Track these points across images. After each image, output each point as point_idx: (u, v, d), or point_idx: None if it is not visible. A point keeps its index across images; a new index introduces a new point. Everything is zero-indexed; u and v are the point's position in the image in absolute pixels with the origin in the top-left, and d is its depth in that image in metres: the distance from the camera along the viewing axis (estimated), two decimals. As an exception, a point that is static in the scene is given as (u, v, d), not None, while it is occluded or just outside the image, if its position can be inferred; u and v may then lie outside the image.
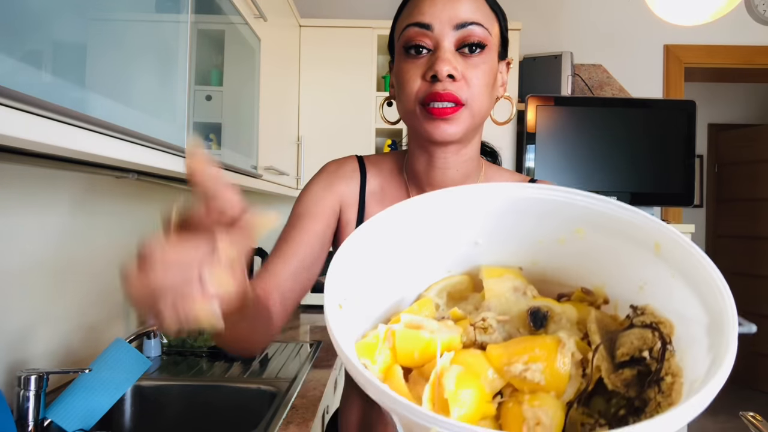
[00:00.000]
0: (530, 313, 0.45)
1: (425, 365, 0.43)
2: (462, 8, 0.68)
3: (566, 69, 2.51)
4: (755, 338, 4.34)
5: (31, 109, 0.57)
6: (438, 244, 0.51)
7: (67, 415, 0.96)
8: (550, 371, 0.40)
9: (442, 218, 0.49)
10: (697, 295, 0.41)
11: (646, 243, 0.44)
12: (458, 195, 0.48)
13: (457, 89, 0.67)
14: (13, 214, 1.10)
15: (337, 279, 0.43)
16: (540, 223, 0.49)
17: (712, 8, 1.58)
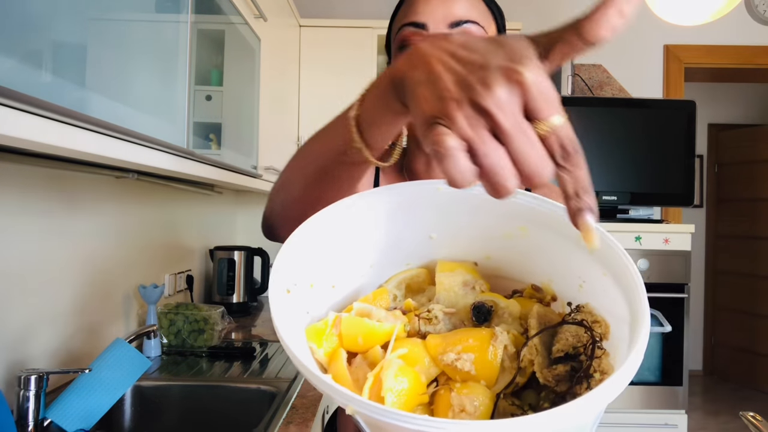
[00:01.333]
0: (474, 308, 0.47)
1: (368, 351, 0.44)
2: (457, 6, 0.67)
3: (566, 69, 2.51)
4: (755, 338, 4.34)
5: (31, 109, 0.57)
6: (397, 237, 0.52)
7: (67, 415, 0.96)
8: (481, 361, 0.42)
9: (399, 211, 0.50)
10: (622, 293, 0.42)
11: (581, 242, 0.44)
12: (408, 189, 0.49)
13: None
14: (13, 214, 1.10)
15: (286, 263, 0.44)
16: (487, 219, 0.49)
17: (712, 8, 1.58)
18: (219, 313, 1.69)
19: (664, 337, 2.22)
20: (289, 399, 1.22)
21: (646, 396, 2.19)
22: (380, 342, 0.45)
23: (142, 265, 1.67)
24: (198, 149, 1.10)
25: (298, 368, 0.38)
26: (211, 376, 1.39)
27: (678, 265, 2.21)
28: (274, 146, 1.96)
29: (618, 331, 0.42)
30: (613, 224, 2.21)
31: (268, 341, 1.76)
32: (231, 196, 2.71)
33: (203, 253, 2.28)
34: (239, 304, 2.24)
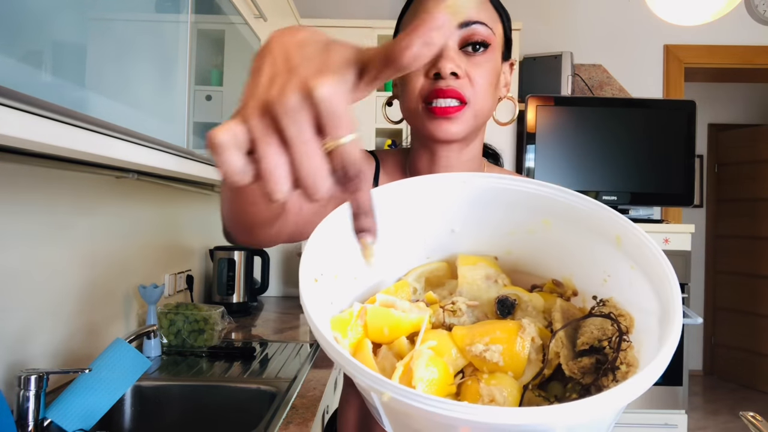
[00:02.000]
0: (498, 301, 0.48)
1: (394, 342, 0.45)
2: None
3: (566, 69, 2.51)
4: (755, 338, 4.34)
5: (31, 109, 0.57)
6: (418, 230, 0.52)
7: (67, 415, 0.96)
8: (509, 353, 0.42)
9: (421, 204, 0.51)
10: (651, 287, 0.43)
11: (608, 235, 0.46)
12: (433, 182, 0.50)
13: (460, 86, 0.67)
14: (13, 214, 1.10)
15: (314, 254, 0.44)
16: (510, 213, 0.50)
17: (712, 8, 1.58)
18: (219, 313, 1.69)
19: (664, 337, 2.22)
20: (289, 399, 1.22)
21: (646, 396, 2.19)
22: (406, 333, 0.45)
23: (142, 265, 1.67)
24: (198, 149, 1.10)
25: (331, 354, 0.38)
26: (211, 376, 1.39)
27: (678, 265, 2.21)
28: (274, 146, 1.96)
29: (643, 324, 0.43)
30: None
31: (268, 341, 1.76)
32: (231, 196, 2.71)
33: (203, 253, 2.28)
34: (239, 304, 2.24)
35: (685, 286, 2.22)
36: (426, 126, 0.69)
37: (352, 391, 0.82)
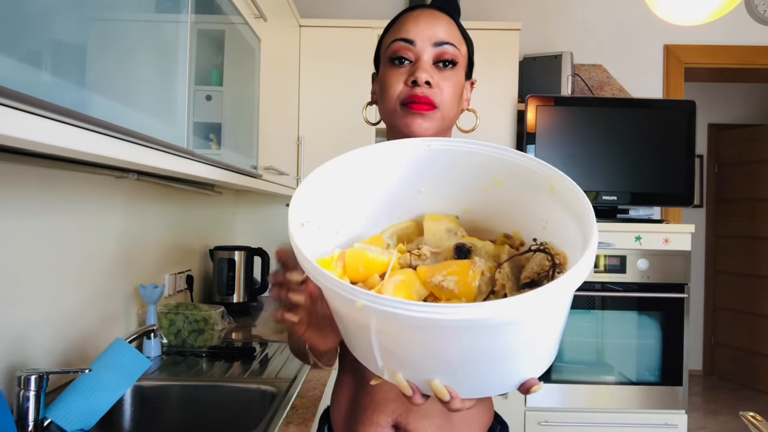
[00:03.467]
0: (456, 247, 0.57)
1: (368, 278, 0.55)
2: (440, 30, 0.81)
3: (566, 69, 2.51)
4: (755, 338, 4.34)
5: (31, 109, 0.57)
6: (391, 191, 0.61)
7: (67, 415, 0.96)
8: (463, 282, 0.52)
9: (391, 167, 0.59)
10: (577, 223, 0.51)
11: (544, 186, 0.55)
12: (402, 145, 0.59)
13: (432, 94, 0.79)
14: (13, 214, 1.10)
15: (300, 203, 0.53)
16: (468, 174, 0.59)
17: (712, 8, 1.58)
18: (219, 313, 1.69)
19: (664, 338, 2.22)
20: (289, 399, 1.22)
21: (646, 396, 2.19)
22: (378, 271, 0.55)
23: (142, 265, 1.67)
24: (198, 149, 1.10)
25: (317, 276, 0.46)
26: (211, 376, 1.39)
27: (678, 265, 2.21)
28: (274, 146, 1.96)
29: (573, 258, 0.51)
30: (613, 224, 2.21)
31: (268, 341, 1.76)
32: (231, 196, 2.71)
33: (203, 253, 2.28)
34: (239, 304, 2.24)
35: (685, 286, 2.22)
36: (404, 122, 0.80)
37: (346, 374, 0.87)
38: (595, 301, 2.23)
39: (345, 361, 0.87)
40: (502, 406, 2.18)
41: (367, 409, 0.81)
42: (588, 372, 2.22)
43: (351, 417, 0.83)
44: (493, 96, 2.47)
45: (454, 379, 0.47)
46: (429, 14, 0.83)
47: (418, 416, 0.78)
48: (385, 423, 0.79)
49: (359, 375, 0.83)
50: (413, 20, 0.82)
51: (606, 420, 2.18)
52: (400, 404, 0.78)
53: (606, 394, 2.19)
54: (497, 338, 0.43)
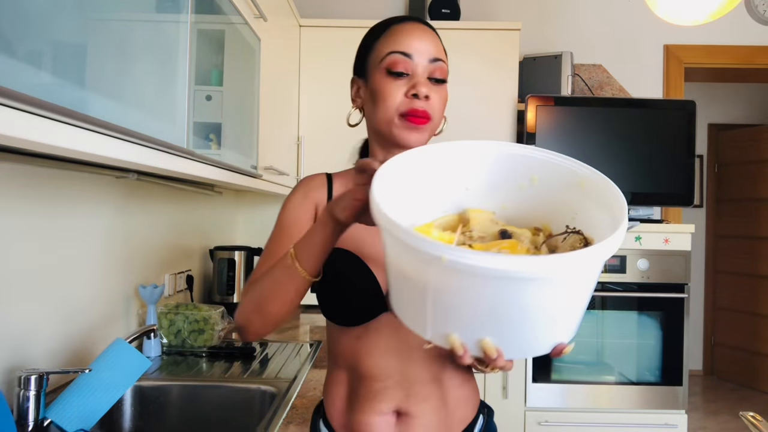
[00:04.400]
0: (500, 233, 0.64)
1: None
2: (432, 47, 0.88)
3: (566, 69, 2.51)
4: (755, 338, 4.34)
5: (31, 109, 0.57)
6: (441, 187, 0.68)
7: (67, 415, 0.96)
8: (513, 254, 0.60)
9: (449, 165, 0.67)
10: (607, 211, 0.59)
11: (575, 182, 0.63)
12: (458, 147, 0.66)
13: (428, 107, 0.86)
14: (13, 214, 1.10)
15: (380, 181, 0.60)
16: (508, 173, 0.67)
17: (712, 8, 1.58)
18: (219, 313, 1.69)
19: (664, 338, 2.22)
20: (289, 399, 1.22)
21: (646, 396, 2.19)
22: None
23: (142, 265, 1.67)
24: (198, 149, 1.10)
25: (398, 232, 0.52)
26: (211, 376, 1.39)
27: (678, 265, 2.21)
28: (274, 146, 1.96)
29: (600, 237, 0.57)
30: (613, 224, 2.21)
31: (268, 341, 1.76)
32: (231, 196, 2.71)
33: (203, 253, 2.28)
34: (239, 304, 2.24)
35: (685, 286, 2.22)
36: (401, 134, 0.86)
37: (340, 371, 0.91)
38: (595, 301, 2.23)
39: (339, 357, 0.90)
40: (502, 406, 2.18)
41: (367, 399, 0.85)
42: (588, 372, 2.22)
43: (350, 409, 0.87)
44: (493, 96, 2.47)
45: (503, 339, 0.56)
46: (421, 30, 0.90)
47: (417, 400, 0.84)
48: (387, 410, 0.84)
49: (354, 370, 0.87)
50: (408, 34, 0.89)
51: (606, 420, 2.18)
52: (400, 391, 0.84)
53: (606, 394, 2.19)
54: (546, 296, 0.52)
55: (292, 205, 0.94)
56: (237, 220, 2.80)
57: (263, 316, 0.84)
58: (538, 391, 2.18)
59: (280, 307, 0.81)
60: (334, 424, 0.91)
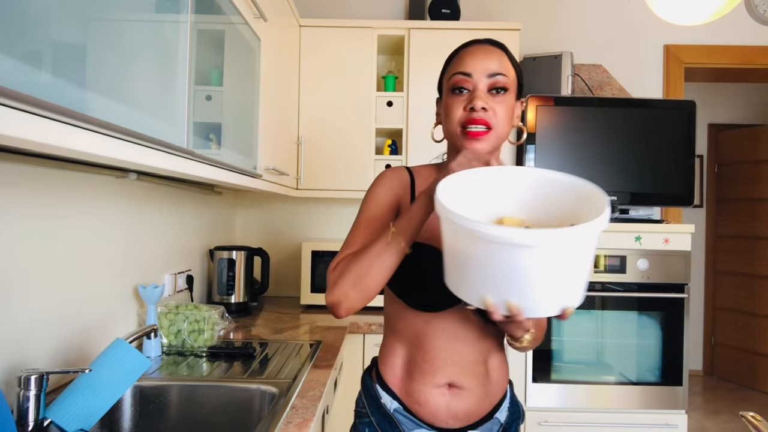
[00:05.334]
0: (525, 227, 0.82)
1: None
2: (492, 63, 1.00)
3: (566, 69, 2.51)
4: (755, 338, 4.34)
5: (31, 109, 0.57)
6: (485, 199, 0.87)
7: (67, 415, 0.96)
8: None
9: (492, 184, 0.87)
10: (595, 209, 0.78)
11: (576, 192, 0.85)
12: (504, 171, 0.88)
13: (487, 117, 0.98)
14: (13, 214, 1.10)
15: (443, 187, 0.82)
16: (530, 190, 0.87)
17: (712, 8, 1.58)
18: (219, 313, 1.69)
19: (664, 338, 2.22)
20: (289, 399, 1.22)
21: (646, 396, 2.19)
22: None
23: (142, 265, 1.67)
24: (198, 149, 1.10)
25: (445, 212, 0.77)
26: (211, 376, 1.39)
27: (678, 265, 2.21)
28: (274, 146, 1.96)
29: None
30: (613, 224, 2.21)
31: (268, 341, 1.76)
32: (231, 196, 2.71)
33: (203, 253, 2.28)
34: (239, 304, 2.24)
35: (685, 286, 2.22)
36: (463, 144, 0.99)
37: (400, 344, 1.09)
38: (595, 301, 2.23)
39: (403, 335, 1.08)
40: (502, 406, 2.18)
41: (429, 373, 1.04)
42: (588, 372, 2.22)
43: (410, 378, 1.06)
44: (493, 96, 2.47)
45: (523, 298, 0.76)
46: (483, 50, 1.02)
47: (468, 376, 1.04)
48: (443, 383, 1.04)
49: (419, 347, 1.05)
50: (470, 55, 1.01)
51: (606, 420, 2.18)
52: (456, 368, 1.03)
53: (606, 394, 2.19)
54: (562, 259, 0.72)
55: (378, 197, 1.08)
56: (237, 220, 2.80)
57: (361, 288, 0.96)
58: (538, 391, 2.18)
59: (378, 279, 0.95)
60: (394, 388, 1.08)
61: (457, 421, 1.04)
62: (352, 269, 0.96)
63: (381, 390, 1.09)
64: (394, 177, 1.09)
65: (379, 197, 1.07)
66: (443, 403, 1.03)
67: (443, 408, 1.04)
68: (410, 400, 1.06)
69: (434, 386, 1.03)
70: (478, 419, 1.06)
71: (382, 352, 1.13)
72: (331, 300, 0.98)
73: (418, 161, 2.39)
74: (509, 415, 1.10)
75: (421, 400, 1.04)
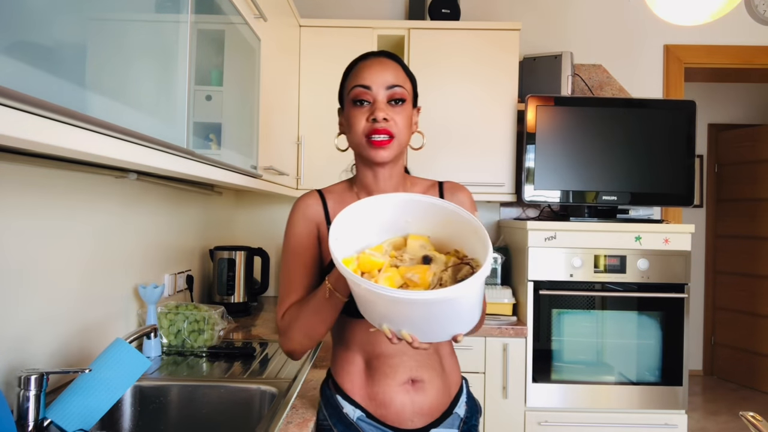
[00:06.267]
0: (423, 257, 0.92)
1: (371, 272, 0.90)
2: (389, 75, 1.06)
3: (566, 69, 2.51)
4: (755, 338, 4.34)
5: (31, 109, 0.57)
6: (390, 219, 0.95)
7: (67, 415, 0.96)
8: (422, 278, 0.88)
9: (391, 208, 0.95)
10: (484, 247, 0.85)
11: (471, 227, 0.90)
12: (401, 196, 0.94)
13: (389, 126, 1.04)
14: (14, 214, 1.10)
15: (336, 227, 0.88)
16: (431, 215, 0.94)
17: (712, 8, 1.58)
18: (219, 313, 1.69)
19: (664, 338, 2.22)
20: (289, 399, 1.22)
21: (646, 396, 2.19)
22: (378, 268, 0.90)
23: (142, 265, 1.67)
24: (198, 149, 1.10)
25: (344, 272, 0.83)
26: (211, 376, 1.39)
27: (678, 265, 2.21)
28: (274, 146, 1.96)
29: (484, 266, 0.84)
30: (613, 224, 2.21)
31: (268, 341, 1.76)
32: (231, 196, 2.71)
33: (203, 253, 2.28)
34: (239, 304, 2.24)
35: (685, 286, 2.22)
36: (369, 153, 1.06)
37: (355, 353, 1.11)
38: (595, 301, 2.23)
39: (353, 344, 1.10)
40: (502, 406, 2.18)
41: (388, 374, 1.07)
42: (588, 372, 2.22)
43: (372, 382, 1.09)
44: (493, 96, 2.47)
45: (415, 330, 0.86)
46: (379, 62, 1.08)
47: (424, 368, 1.08)
48: (405, 379, 1.07)
49: (371, 352, 1.08)
50: (367, 69, 1.07)
51: (606, 420, 2.18)
52: (411, 361, 1.07)
53: (606, 394, 2.19)
54: (441, 308, 0.81)
55: (294, 231, 1.12)
56: (237, 220, 2.80)
57: (311, 337, 1.03)
58: (538, 391, 2.18)
59: (324, 328, 1.02)
60: (355, 397, 1.09)
61: (422, 418, 1.07)
62: (299, 323, 1.03)
63: (342, 400, 1.10)
64: (306, 206, 1.13)
65: (298, 231, 1.11)
66: (408, 400, 1.06)
67: (408, 405, 1.06)
68: (374, 404, 1.07)
69: (397, 384, 1.06)
70: (440, 414, 1.09)
71: (336, 364, 1.14)
72: (286, 349, 1.07)
73: (412, 158, 2.39)
74: (468, 409, 1.15)
75: (386, 401, 1.07)
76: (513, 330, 2.18)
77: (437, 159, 2.46)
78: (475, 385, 2.18)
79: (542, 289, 2.19)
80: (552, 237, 2.20)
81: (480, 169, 2.47)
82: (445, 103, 2.47)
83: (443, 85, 2.48)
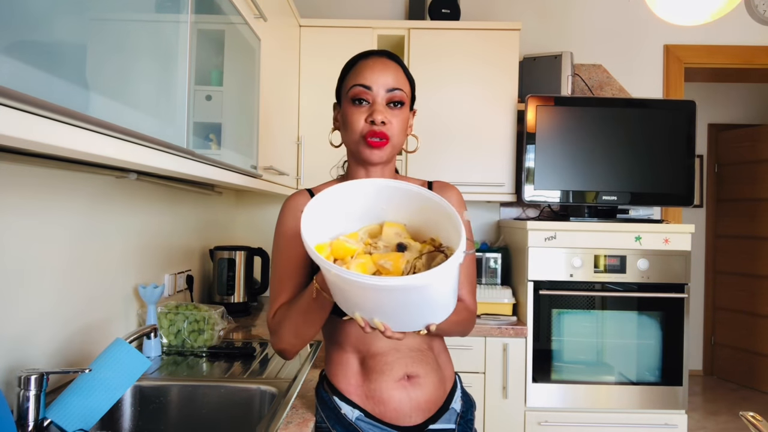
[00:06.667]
0: (397, 245, 0.90)
1: (345, 258, 0.87)
2: (390, 78, 1.06)
3: (566, 69, 2.51)
4: (755, 338, 4.34)
5: (31, 109, 0.57)
6: (366, 207, 0.93)
7: (67, 415, 0.96)
8: (395, 266, 0.86)
9: (368, 194, 0.91)
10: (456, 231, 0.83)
11: (443, 212, 0.87)
12: (378, 182, 0.90)
13: (386, 129, 1.05)
14: (13, 214, 1.10)
15: (309, 213, 0.85)
16: (411, 201, 0.91)
17: (712, 8, 1.58)
18: (219, 313, 1.69)
19: (664, 338, 2.22)
20: (289, 399, 1.22)
21: (646, 396, 2.19)
22: (351, 254, 0.88)
23: (142, 265, 1.67)
24: (198, 149, 1.10)
25: (315, 257, 0.80)
26: (211, 376, 1.39)
27: (678, 265, 2.21)
28: (274, 146, 1.96)
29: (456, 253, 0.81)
30: (613, 224, 2.21)
31: (268, 341, 1.76)
32: (231, 196, 2.71)
33: (203, 253, 2.28)
34: (239, 304, 2.24)
35: (685, 286, 2.22)
36: (365, 153, 1.06)
37: (348, 353, 1.11)
38: (595, 301, 2.23)
39: (347, 344, 1.10)
40: (502, 406, 2.18)
41: (384, 371, 1.08)
42: (588, 372, 2.22)
43: (368, 381, 1.09)
44: (493, 96, 2.47)
45: (387, 318, 0.84)
46: (381, 63, 1.07)
47: (418, 362, 1.09)
48: (401, 375, 1.07)
49: (365, 351, 1.09)
50: (369, 68, 1.06)
51: (606, 420, 2.18)
52: (406, 357, 1.08)
53: (606, 394, 2.19)
54: (411, 296, 0.79)
55: (284, 230, 1.13)
56: (237, 220, 2.80)
57: (301, 337, 1.03)
58: (538, 391, 2.18)
59: (314, 328, 1.01)
60: (351, 396, 1.09)
61: (420, 413, 1.07)
62: (289, 323, 1.03)
63: (339, 401, 1.09)
64: (296, 205, 1.12)
65: (287, 230, 1.12)
66: (405, 396, 1.07)
67: (406, 401, 1.06)
68: (372, 403, 1.07)
69: (394, 380, 1.07)
70: (437, 409, 1.10)
71: (331, 366, 1.13)
72: (278, 348, 1.07)
73: (412, 158, 2.39)
74: (463, 404, 1.15)
75: (384, 398, 1.07)
76: (513, 330, 2.18)
77: (437, 159, 2.46)
78: (475, 385, 2.18)
79: (542, 289, 2.19)
80: (552, 237, 2.20)
81: (480, 169, 2.47)
82: (444, 103, 2.47)
83: (443, 85, 2.48)
